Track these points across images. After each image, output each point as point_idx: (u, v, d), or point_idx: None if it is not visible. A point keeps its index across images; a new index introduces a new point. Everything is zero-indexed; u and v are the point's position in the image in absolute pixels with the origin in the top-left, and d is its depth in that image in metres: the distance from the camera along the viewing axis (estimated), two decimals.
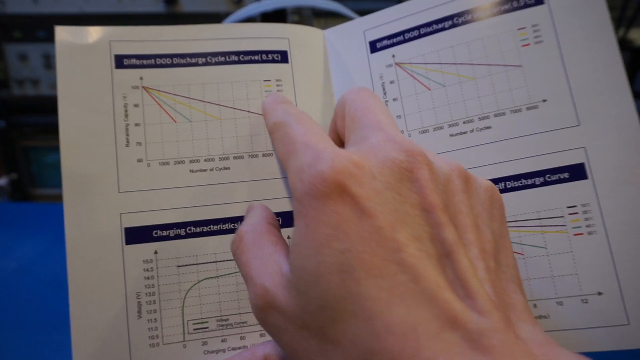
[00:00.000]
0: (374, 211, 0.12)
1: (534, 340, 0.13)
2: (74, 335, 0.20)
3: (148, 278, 0.21)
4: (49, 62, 0.87)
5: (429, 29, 0.23)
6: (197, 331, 0.21)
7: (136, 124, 0.22)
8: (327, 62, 0.25)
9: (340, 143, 0.19)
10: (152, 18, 0.88)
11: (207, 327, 0.21)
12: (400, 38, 0.24)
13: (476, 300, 0.12)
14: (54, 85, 0.83)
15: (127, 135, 0.22)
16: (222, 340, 0.22)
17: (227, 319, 0.22)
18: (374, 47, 0.25)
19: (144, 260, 0.21)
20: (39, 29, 0.88)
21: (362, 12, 0.40)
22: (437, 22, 0.23)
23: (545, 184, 0.21)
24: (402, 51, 0.24)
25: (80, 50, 0.22)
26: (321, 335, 0.13)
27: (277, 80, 0.24)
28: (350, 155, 0.13)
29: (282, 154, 0.16)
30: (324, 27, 0.26)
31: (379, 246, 0.12)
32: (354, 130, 0.16)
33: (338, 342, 0.12)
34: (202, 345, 0.21)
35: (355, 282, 0.12)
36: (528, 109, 0.21)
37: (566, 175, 0.21)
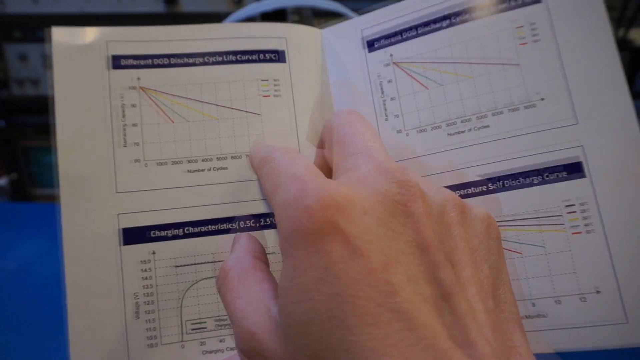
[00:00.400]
0: (366, 250, 0.12)
1: None
2: (72, 336, 0.20)
3: (145, 278, 0.21)
4: (49, 62, 0.87)
5: (426, 28, 0.23)
6: (195, 331, 0.21)
7: (133, 125, 0.22)
8: (324, 61, 0.25)
9: (329, 170, 0.18)
10: (152, 18, 0.88)
11: (205, 327, 0.21)
12: (398, 37, 0.24)
13: (476, 349, 0.12)
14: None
15: (124, 135, 0.22)
16: (220, 340, 0.22)
17: (225, 319, 0.22)
18: (372, 46, 0.25)
19: (141, 261, 0.21)
20: (39, 29, 0.88)
21: (362, 12, 0.40)
22: (434, 21, 0.23)
23: (543, 182, 0.21)
24: (400, 50, 0.24)
25: (77, 51, 0.22)
26: None
27: (275, 80, 0.24)
28: (339, 187, 0.13)
29: (268, 190, 0.15)
30: (323, 27, 0.26)
31: (372, 290, 0.11)
32: (343, 157, 0.15)
33: None
34: (200, 345, 0.21)
35: (348, 331, 0.11)
36: (526, 107, 0.21)
37: (564, 173, 0.21)
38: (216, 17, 0.87)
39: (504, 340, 0.13)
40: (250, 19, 0.42)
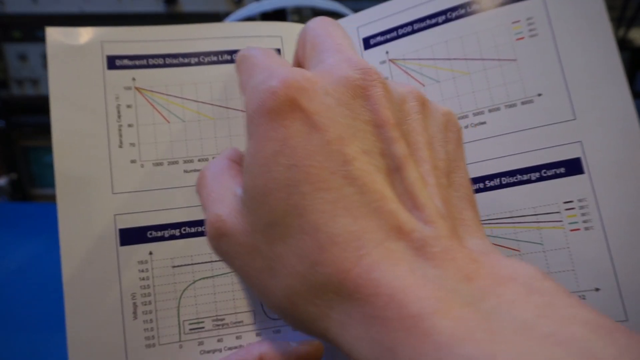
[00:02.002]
0: (323, 125, 0.12)
1: (479, 250, 0.13)
2: (70, 337, 0.20)
3: (143, 279, 0.21)
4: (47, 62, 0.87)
5: (422, 24, 0.23)
6: (193, 331, 0.22)
7: (129, 125, 0.22)
8: None
9: None
10: (152, 18, 0.88)
11: (203, 327, 0.22)
12: (394, 34, 0.24)
13: (423, 212, 0.12)
14: None
15: (120, 136, 0.22)
16: (219, 340, 0.22)
17: (223, 319, 0.22)
18: (368, 43, 0.25)
19: (138, 261, 0.21)
20: (39, 28, 0.89)
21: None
22: (430, 17, 0.23)
23: (541, 179, 0.21)
24: (396, 47, 0.24)
25: (72, 52, 0.22)
26: (270, 254, 0.13)
27: None
28: (304, 72, 0.13)
29: (242, 82, 0.16)
30: None
31: (326, 160, 0.12)
32: (314, 55, 0.16)
33: (285, 258, 0.13)
34: (199, 345, 0.22)
35: (301, 197, 0.12)
36: (523, 103, 0.21)
37: (562, 170, 0.20)
38: (216, 17, 0.87)
39: (452, 211, 0.14)
40: (249, 19, 0.42)
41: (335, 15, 0.41)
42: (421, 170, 0.14)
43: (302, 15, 0.81)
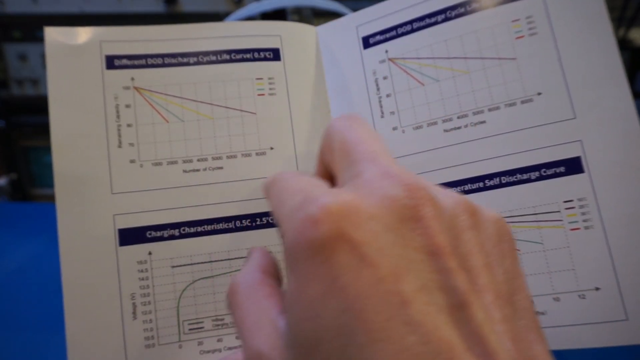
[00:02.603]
0: (374, 259, 0.11)
1: None
2: (69, 337, 0.20)
3: (143, 279, 0.22)
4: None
5: (421, 23, 0.23)
6: (192, 331, 0.22)
7: (128, 125, 0.23)
8: (320, 58, 0.25)
9: (332, 180, 0.18)
10: (152, 18, 0.89)
11: (202, 327, 0.22)
12: (393, 33, 0.24)
13: None
14: None
15: (119, 136, 0.22)
16: (218, 340, 0.22)
17: (223, 319, 0.22)
18: (367, 42, 0.25)
19: (138, 262, 0.22)
20: (39, 28, 0.89)
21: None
22: (430, 15, 0.23)
23: (540, 178, 0.21)
24: (395, 46, 0.24)
25: (71, 51, 0.22)
26: None
27: (270, 79, 0.24)
28: (343, 194, 0.12)
29: (274, 208, 0.15)
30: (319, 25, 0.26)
31: (382, 302, 0.11)
32: (346, 165, 0.15)
33: None
34: (198, 345, 0.22)
35: (358, 349, 0.11)
36: (523, 102, 0.21)
37: (562, 169, 0.20)
38: (216, 17, 0.87)
39: (523, 350, 0.13)
40: (249, 19, 0.42)
41: (336, 15, 0.41)
42: (483, 302, 0.12)
43: (302, 15, 0.82)
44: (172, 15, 0.89)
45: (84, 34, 0.23)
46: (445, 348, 0.11)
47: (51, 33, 0.22)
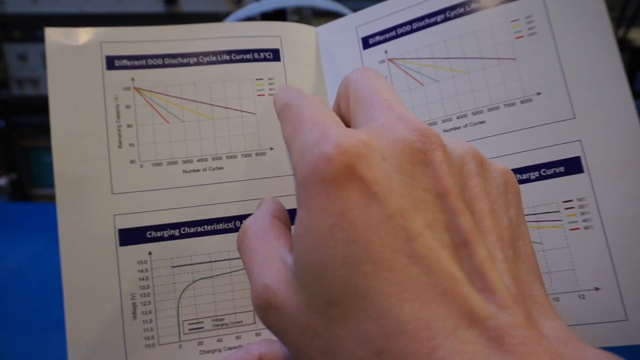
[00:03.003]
0: (384, 196, 0.12)
1: (557, 337, 0.12)
2: (70, 337, 0.20)
3: (143, 279, 0.22)
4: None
5: (421, 23, 0.23)
6: (192, 331, 0.22)
7: (128, 125, 0.23)
8: (319, 59, 0.26)
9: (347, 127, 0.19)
10: (152, 18, 0.89)
11: (202, 327, 0.22)
12: (393, 33, 0.24)
13: (495, 294, 0.12)
14: None
15: (120, 136, 0.23)
16: (218, 340, 0.22)
17: (223, 319, 0.22)
18: (367, 43, 0.25)
19: (138, 262, 0.22)
20: (39, 28, 0.90)
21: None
22: (429, 16, 0.23)
23: (540, 178, 0.21)
24: (395, 47, 0.24)
25: (71, 52, 0.23)
26: (327, 334, 0.12)
27: (270, 79, 0.24)
28: (359, 134, 0.12)
29: (288, 134, 0.15)
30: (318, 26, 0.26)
31: (389, 236, 0.11)
32: (361, 111, 0.15)
33: (345, 341, 0.12)
34: (198, 345, 0.22)
35: (363, 277, 0.11)
36: (522, 102, 0.21)
37: (562, 169, 0.21)
38: (216, 17, 0.87)
39: (523, 288, 0.13)
40: (249, 19, 0.42)
41: (336, 15, 0.41)
42: (487, 243, 0.13)
43: (302, 15, 0.82)
44: (172, 15, 0.89)
45: (84, 35, 0.23)
46: (446, 279, 0.11)
47: (51, 34, 0.22)
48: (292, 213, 0.23)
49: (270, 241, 0.15)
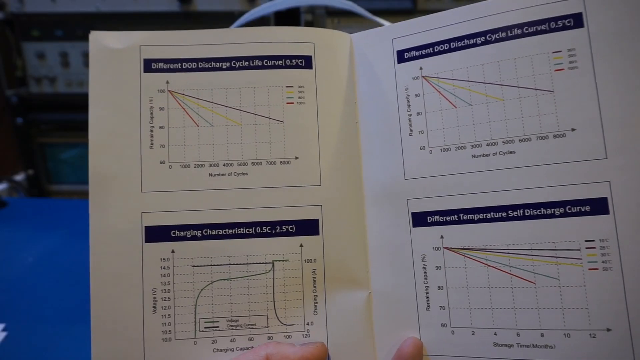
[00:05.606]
0: None
1: None
2: (94, 324, 0.23)
3: (164, 275, 0.24)
4: (66, 60, 0.93)
5: (459, 44, 0.24)
6: (207, 329, 0.24)
7: (160, 127, 0.24)
8: (352, 67, 0.26)
9: None
10: (167, 17, 0.92)
11: (217, 327, 0.24)
12: (430, 50, 0.25)
13: None
14: (70, 83, 0.91)
15: (152, 137, 0.24)
16: (231, 340, 0.24)
17: (237, 320, 0.24)
18: (402, 57, 0.25)
19: (161, 259, 0.24)
20: (57, 27, 0.94)
21: (376, 11, 0.41)
22: (469, 37, 0.24)
23: (564, 215, 0.22)
24: (430, 64, 0.25)
25: (113, 55, 0.24)
26: None
27: (300, 87, 0.25)
28: None
29: None
30: (337, 27, 0.27)
31: None
32: None
33: None
34: (212, 343, 0.24)
35: None
36: (555, 136, 0.22)
37: (587, 208, 0.21)
38: (230, 16, 0.89)
39: None
40: (263, 18, 0.43)
41: (350, 14, 0.41)
42: None
43: (316, 14, 0.82)
44: (186, 14, 0.91)
45: (125, 38, 0.24)
46: None
47: (95, 37, 0.24)
48: (310, 224, 0.24)
49: None
